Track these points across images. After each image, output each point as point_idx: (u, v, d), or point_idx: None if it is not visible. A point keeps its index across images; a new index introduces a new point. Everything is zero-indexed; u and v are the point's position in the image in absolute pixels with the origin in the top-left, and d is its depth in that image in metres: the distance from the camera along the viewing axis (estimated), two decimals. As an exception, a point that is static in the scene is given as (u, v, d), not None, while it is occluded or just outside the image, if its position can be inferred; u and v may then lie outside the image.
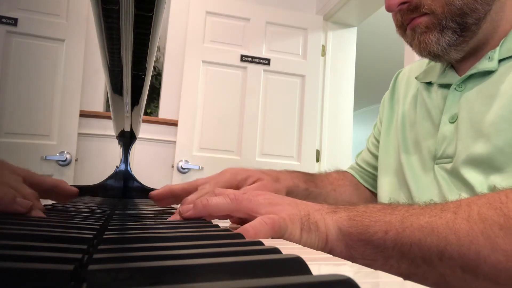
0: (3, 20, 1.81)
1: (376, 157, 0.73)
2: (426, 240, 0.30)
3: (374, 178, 0.74)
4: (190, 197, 0.50)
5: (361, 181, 0.76)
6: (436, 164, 0.54)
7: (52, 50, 1.89)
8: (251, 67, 2.20)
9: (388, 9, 0.53)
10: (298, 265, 0.17)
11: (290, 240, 0.34)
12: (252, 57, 2.21)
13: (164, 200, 0.59)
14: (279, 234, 0.34)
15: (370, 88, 4.95)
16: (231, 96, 2.17)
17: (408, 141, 0.60)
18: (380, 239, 0.32)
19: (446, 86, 0.57)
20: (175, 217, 0.41)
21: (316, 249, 0.33)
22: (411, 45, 0.55)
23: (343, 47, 2.44)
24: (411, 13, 0.52)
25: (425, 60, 0.65)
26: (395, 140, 0.64)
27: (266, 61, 2.22)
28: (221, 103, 2.15)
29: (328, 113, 2.35)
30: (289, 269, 0.17)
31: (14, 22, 1.82)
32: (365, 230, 0.33)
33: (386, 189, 0.63)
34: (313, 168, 2.23)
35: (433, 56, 0.53)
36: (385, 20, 3.17)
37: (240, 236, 0.28)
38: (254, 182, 0.57)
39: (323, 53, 2.37)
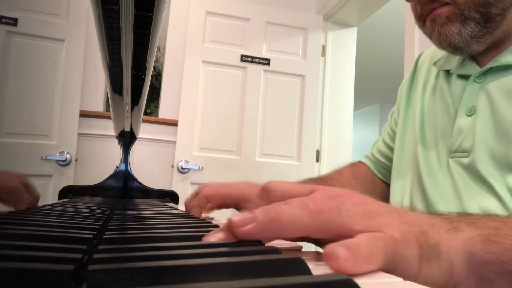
0: (3, 20, 1.81)
1: (391, 148, 0.70)
2: None
3: (388, 169, 0.71)
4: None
5: (377, 173, 0.73)
6: (451, 158, 0.51)
7: (52, 50, 1.89)
8: (251, 67, 2.20)
9: None
10: (298, 265, 0.17)
11: (407, 273, 0.23)
12: (252, 57, 2.21)
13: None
14: (392, 263, 0.22)
15: (370, 88, 4.95)
16: (231, 96, 2.17)
17: (426, 136, 0.57)
18: None
19: (465, 77, 0.54)
20: (218, 236, 0.24)
21: (439, 287, 0.24)
22: (430, 37, 0.53)
23: (343, 47, 2.44)
24: (432, 3, 0.50)
25: None
26: (412, 133, 0.61)
27: (266, 61, 2.22)
28: (221, 103, 2.15)
29: (328, 113, 2.35)
30: (289, 269, 0.17)
31: (14, 22, 1.82)
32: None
33: (400, 186, 0.60)
34: (313, 168, 2.23)
35: (454, 48, 0.50)
36: (385, 20, 3.17)
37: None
38: None
39: (323, 53, 2.37)
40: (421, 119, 0.60)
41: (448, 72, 0.58)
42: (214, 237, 0.24)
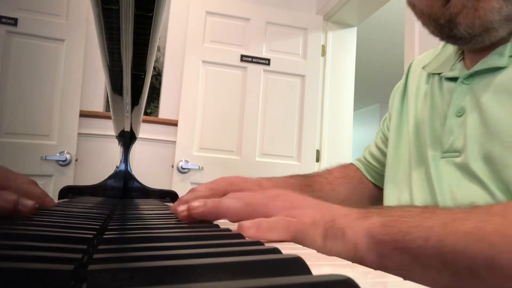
0: (3, 20, 1.81)
1: (383, 153, 0.71)
2: (473, 248, 0.26)
3: (379, 173, 0.72)
4: (184, 197, 0.47)
5: (367, 175, 0.75)
6: (443, 158, 0.52)
7: (52, 50, 1.89)
8: (251, 67, 2.20)
9: None
10: (298, 265, 0.17)
11: (312, 246, 0.31)
12: (252, 57, 2.21)
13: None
14: (296, 238, 0.31)
15: (370, 88, 4.96)
16: (231, 96, 2.17)
17: (419, 141, 0.58)
18: (420, 248, 0.28)
19: (454, 79, 0.55)
20: (183, 214, 0.36)
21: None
22: (455, 16, 0.47)
23: (343, 47, 2.44)
24: None
25: (438, 49, 0.63)
26: (407, 140, 0.61)
27: (266, 61, 2.22)
28: (221, 103, 2.15)
29: (328, 113, 2.35)
30: (289, 269, 0.17)
31: (14, 22, 1.82)
32: (402, 237, 0.29)
33: (395, 195, 0.61)
34: (313, 168, 2.23)
35: (484, 29, 0.46)
36: (385, 20, 3.18)
37: (240, 236, 0.28)
38: None
39: (323, 53, 2.37)
40: (415, 124, 0.60)
41: (438, 76, 0.59)
42: (178, 214, 0.36)
